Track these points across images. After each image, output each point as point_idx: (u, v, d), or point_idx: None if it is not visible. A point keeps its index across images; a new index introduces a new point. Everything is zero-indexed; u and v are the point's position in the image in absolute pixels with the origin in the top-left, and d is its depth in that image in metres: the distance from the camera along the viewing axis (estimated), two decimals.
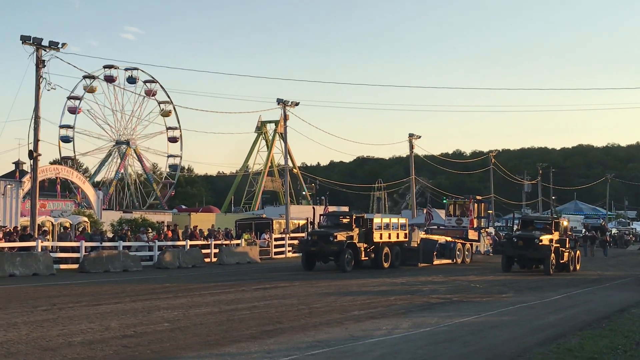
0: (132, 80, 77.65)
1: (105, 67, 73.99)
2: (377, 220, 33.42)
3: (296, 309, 16.89)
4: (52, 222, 36.27)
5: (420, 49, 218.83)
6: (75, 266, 29.05)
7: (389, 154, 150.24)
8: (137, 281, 24.01)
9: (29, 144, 31.19)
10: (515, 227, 34.44)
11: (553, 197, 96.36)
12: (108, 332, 12.90)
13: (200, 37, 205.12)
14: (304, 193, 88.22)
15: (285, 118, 50.43)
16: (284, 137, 57.97)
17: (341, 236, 30.05)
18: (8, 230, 29.38)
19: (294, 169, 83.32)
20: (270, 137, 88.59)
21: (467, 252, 38.38)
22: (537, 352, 12.07)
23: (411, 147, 63.47)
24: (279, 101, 48.10)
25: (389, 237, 32.73)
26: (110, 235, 35.17)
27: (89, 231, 35.94)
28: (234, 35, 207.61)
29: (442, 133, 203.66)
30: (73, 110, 73.75)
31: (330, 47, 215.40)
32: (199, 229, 38.37)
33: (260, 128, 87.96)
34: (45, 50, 30.49)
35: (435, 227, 42.24)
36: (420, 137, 64.05)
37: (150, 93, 79.16)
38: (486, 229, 43.88)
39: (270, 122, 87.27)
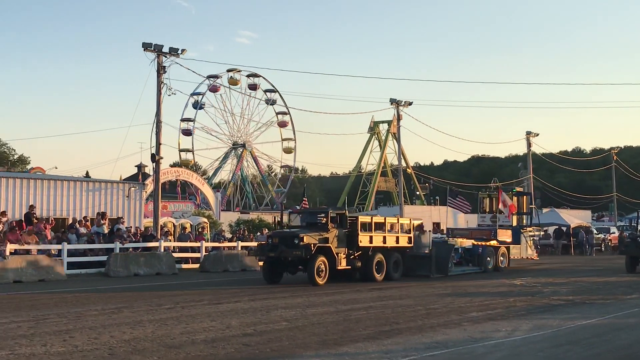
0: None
1: (228, 70, 76.14)
2: (364, 219, 26.59)
3: (412, 309, 16.80)
4: (173, 223, 37.55)
5: (537, 44, 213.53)
6: (196, 266, 29.95)
7: (505, 152, 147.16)
8: (255, 281, 24.44)
9: (151, 147, 32.41)
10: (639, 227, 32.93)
11: None
12: (229, 330, 13.19)
13: (312, 38, 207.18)
14: (417, 193, 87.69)
15: (399, 118, 50.31)
16: (397, 137, 57.77)
17: (310, 239, 23.20)
18: (133, 232, 30.57)
19: (408, 169, 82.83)
20: (383, 138, 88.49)
21: (501, 258, 31.89)
22: None
23: (529, 145, 62.06)
24: (392, 101, 48.17)
25: (384, 241, 25.98)
26: (228, 235, 36.03)
27: (208, 232, 37.06)
28: (346, 36, 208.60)
29: (561, 130, 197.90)
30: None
31: (444, 45, 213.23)
32: None
33: (373, 128, 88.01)
34: (165, 57, 31.57)
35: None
36: (538, 134, 62.59)
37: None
38: (527, 228, 36.02)
39: (383, 122, 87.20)
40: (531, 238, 35.75)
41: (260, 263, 26.23)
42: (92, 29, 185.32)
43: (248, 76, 78.59)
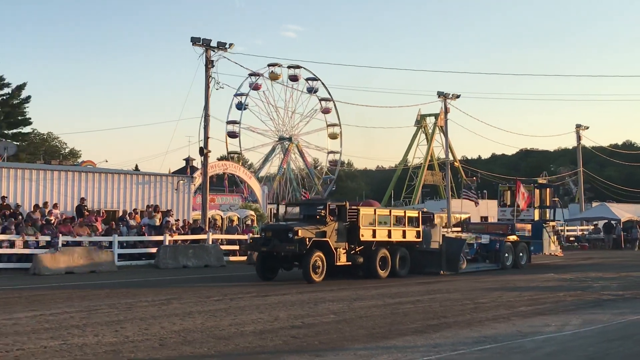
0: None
1: (269, 65, 76.41)
2: (366, 211, 24.35)
3: (460, 303, 16.72)
4: (221, 216, 37.91)
5: (588, 36, 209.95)
6: (243, 258, 30.21)
7: (554, 145, 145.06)
8: (303, 274, 24.48)
9: (199, 141, 32.81)
10: None
11: None
12: (277, 322, 13.29)
13: (359, 31, 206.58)
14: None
15: (446, 111, 50.01)
16: (444, 130, 57.47)
17: (305, 232, 21.61)
18: (181, 224, 30.94)
19: (455, 162, 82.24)
20: (430, 131, 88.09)
21: (520, 254, 29.58)
22: None
23: (578, 138, 61.30)
24: (440, 94, 47.95)
25: (389, 236, 24.17)
26: None
27: (256, 224, 37.35)
28: (393, 29, 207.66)
29: (611, 123, 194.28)
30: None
31: (491, 37, 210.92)
32: None
33: (420, 121, 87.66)
34: (214, 51, 31.90)
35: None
36: (588, 127, 61.85)
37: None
38: (550, 222, 33.21)
39: (429, 115, 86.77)
40: (554, 233, 33.16)
41: None
42: (141, 23, 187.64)
43: (289, 67, 78.73)
